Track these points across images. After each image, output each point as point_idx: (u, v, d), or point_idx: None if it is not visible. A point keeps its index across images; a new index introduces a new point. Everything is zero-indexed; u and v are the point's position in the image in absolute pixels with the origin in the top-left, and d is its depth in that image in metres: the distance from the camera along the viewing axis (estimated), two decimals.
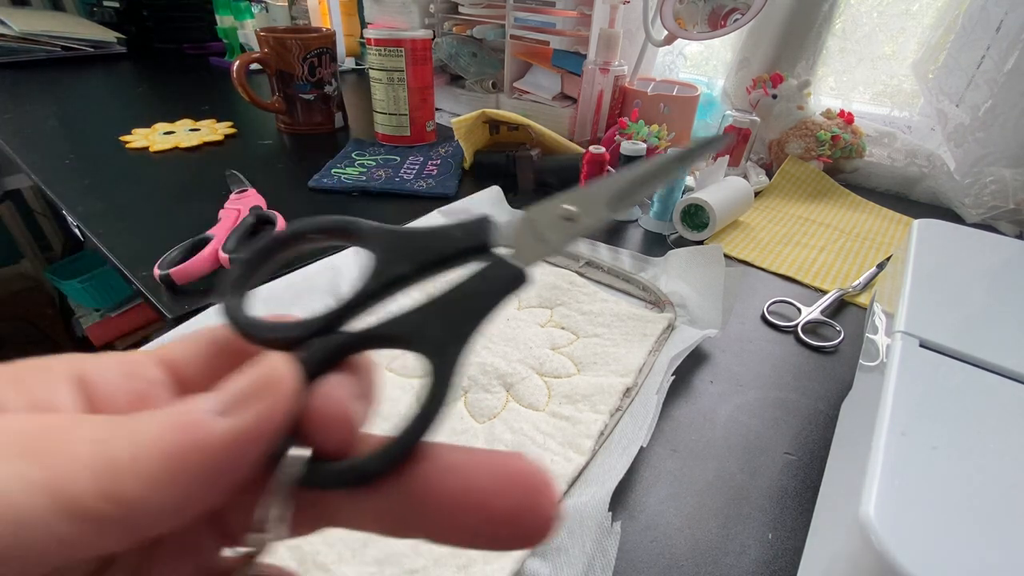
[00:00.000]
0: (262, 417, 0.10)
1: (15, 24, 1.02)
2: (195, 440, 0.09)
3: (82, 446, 0.09)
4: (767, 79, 0.74)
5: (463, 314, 0.12)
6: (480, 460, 0.11)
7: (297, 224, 0.14)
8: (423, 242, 0.14)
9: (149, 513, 0.09)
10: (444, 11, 0.82)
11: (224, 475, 0.10)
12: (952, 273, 0.32)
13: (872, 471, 0.19)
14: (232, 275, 0.13)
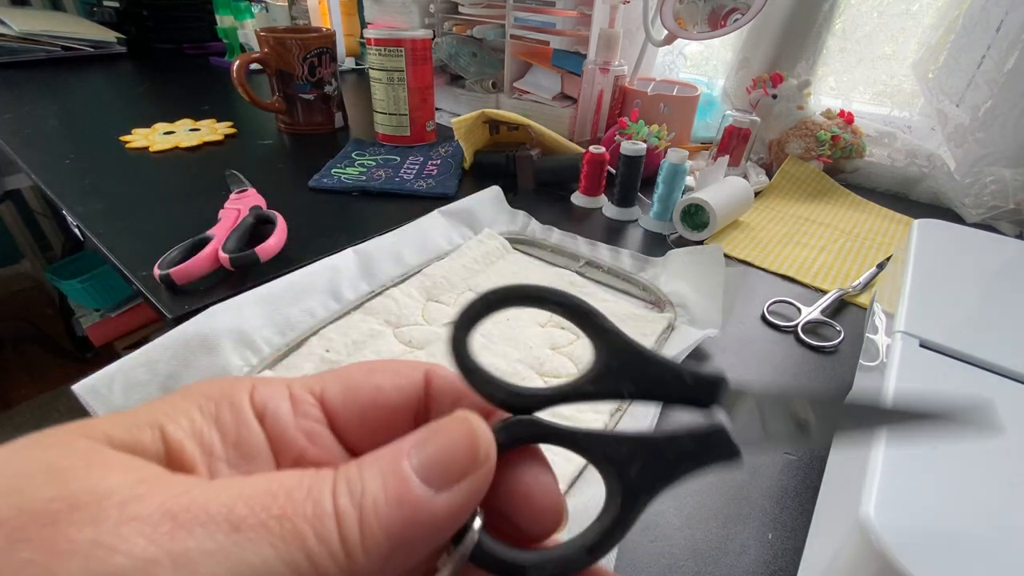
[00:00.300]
0: (471, 492, 0.11)
1: (15, 24, 1.02)
2: (415, 517, 0.10)
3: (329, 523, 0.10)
4: (767, 79, 0.74)
5: (666, 469, 0.13)
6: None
7: (542, 289, 0.14)
8: (654, 372, 0.14)
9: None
10: (444, 11, 0.82)
11: (433, 543, 0.11)
12: (952, 273, 0.32)
13: (872, 471, 0.19)
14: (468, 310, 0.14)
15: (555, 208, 0.61)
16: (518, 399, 0.13)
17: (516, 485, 0.12)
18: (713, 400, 0.14)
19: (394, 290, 0.42)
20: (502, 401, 0.13)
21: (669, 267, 0.46)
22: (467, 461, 0.11)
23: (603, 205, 0.61)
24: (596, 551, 0.12)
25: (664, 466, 0.13)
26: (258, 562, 0.09)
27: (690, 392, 0.14)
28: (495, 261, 0.48)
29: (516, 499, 0.12)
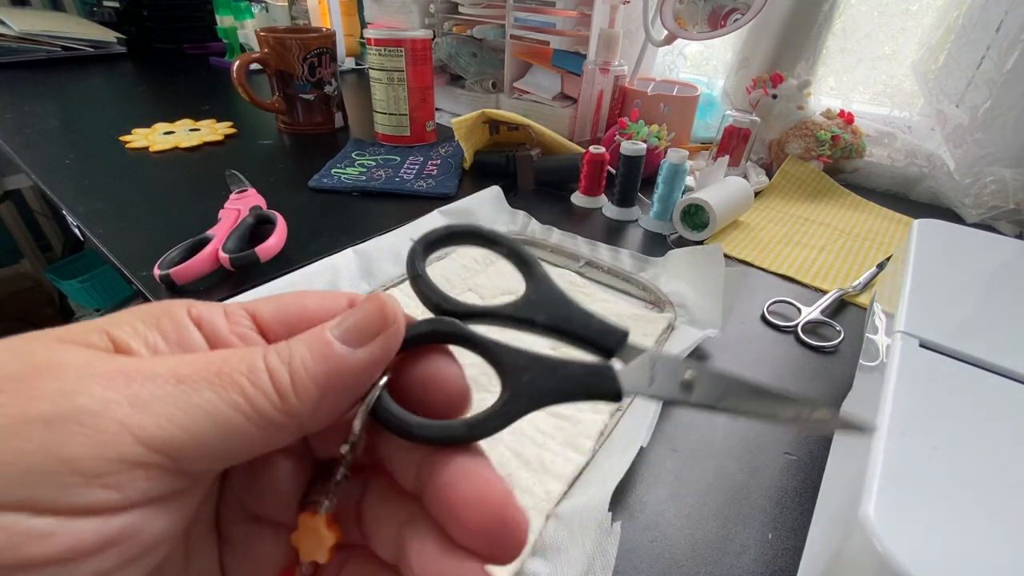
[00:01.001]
0: (384, 349, 0.13)
1: (15, 24, 1.02)
2: (338, 368, 0.12)
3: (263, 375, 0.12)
4: (767, 79, 0.74)
5: (552, 385, 0.14)
6: (474, 471, 0.13)
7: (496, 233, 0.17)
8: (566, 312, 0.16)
9: (306, 420, 0.12)
10: (444, 11, 0.82)
11: (353, 394, 0.13)
12: (952, 273, 0.32)
13: (872, 471, 0.19)
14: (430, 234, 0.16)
15: (555, 208, 0.61)
16: (447, 304, 0.15)
17: (425, 369, 0.14)
18: (613, 349, 0.15)
19: (394, 290, 0.42)
20: (435, 305, 0.16)
21: (669, 267, 0.46)
22: (379, 322, 0.13)
23: (603, 205, 0.61)
24: (475, 427, 0.14)
25: (550, 381, 0.14)
26: (202, 402, 0.11)
27: (594, 337, 0.15)
28: (495, 261, 0.48)
29: (424, 381, 0.14)
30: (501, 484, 0.13)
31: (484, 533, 0.12)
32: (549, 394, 0.14)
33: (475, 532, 0.13)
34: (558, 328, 0.16)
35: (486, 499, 0.13)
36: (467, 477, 0.13)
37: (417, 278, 0.16)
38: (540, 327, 0.16)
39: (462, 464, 0.13)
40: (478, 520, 0.12)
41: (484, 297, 0.43)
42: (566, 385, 0.14)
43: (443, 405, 0.14)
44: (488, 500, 0.13)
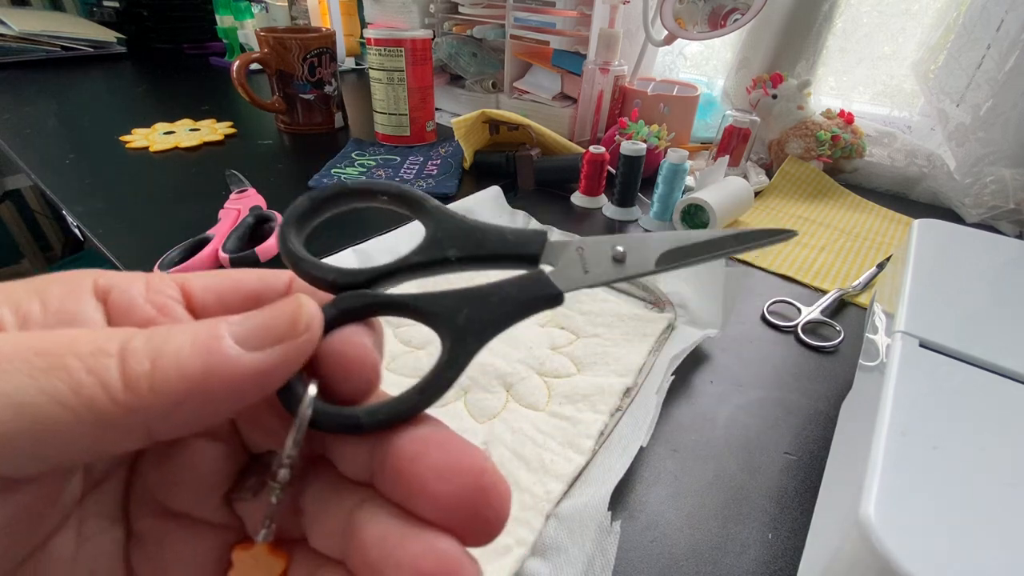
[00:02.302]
0: (283, 358, 0.11)
1: (15, 24, 1.02)
2: (216, 368, 0.10)
3: (107, 360, 0.10)
4: (767, 79, 0.74)
5: (491, 314, 0.13)
6: (442, 439, 0.12)
7: (371, 182, 0.15)
8: (477, 236, 0.15)
9: (157, 421, 0.10)
10: (444, 11, 0.82)
11: (235, 401, 0.11)
12: (952, 273, 0.32)
13: (872, 471, 0.19)
14: (293, 209, 0.14)
15: (555, 208, 0.60)
16: (346, 277, 0.14)
17: (336, 351, 0.12)
18: (537, 254, 0.14)
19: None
20: (331, 283, 0.14)
21: None
22: (285, 329, 0.11)
23: (603, 205, 0.61)
24: (427, 391, 0.12)
25: (486, 310, 0.13)
26: (11, 388, 0.09)
27: (513, 249, 0.14)
28: None
29: (335, 364, 0.12)
30: (474, 449, 0.11)
31: (461, 506, 0.11)
32: (491, 323, 0.13)
33: (449, 506, 0.11)
34: (474, 256, 0.14)
35: (459, 466, 0.11)
36: (433, 447, 0.11)
37: (298, 262, 0.14)
38: (455, 262, 0.14)
39: (422, 434, 0.12)
40: (452, 491, 0.11)
41: None
42: (504, 307, 0.13)
43: (353, 384, 0.12)
44: (462, 467, 0.11)
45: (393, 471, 0.11)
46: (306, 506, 0.13)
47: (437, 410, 0.32)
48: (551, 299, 0.14)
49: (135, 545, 0.13)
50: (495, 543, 0.25)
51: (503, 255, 0.14)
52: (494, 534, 0.11)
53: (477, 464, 0.11)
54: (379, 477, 0.12)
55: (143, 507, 0.13)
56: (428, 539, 0.11)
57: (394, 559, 0.11)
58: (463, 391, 0.34)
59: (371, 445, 0.12)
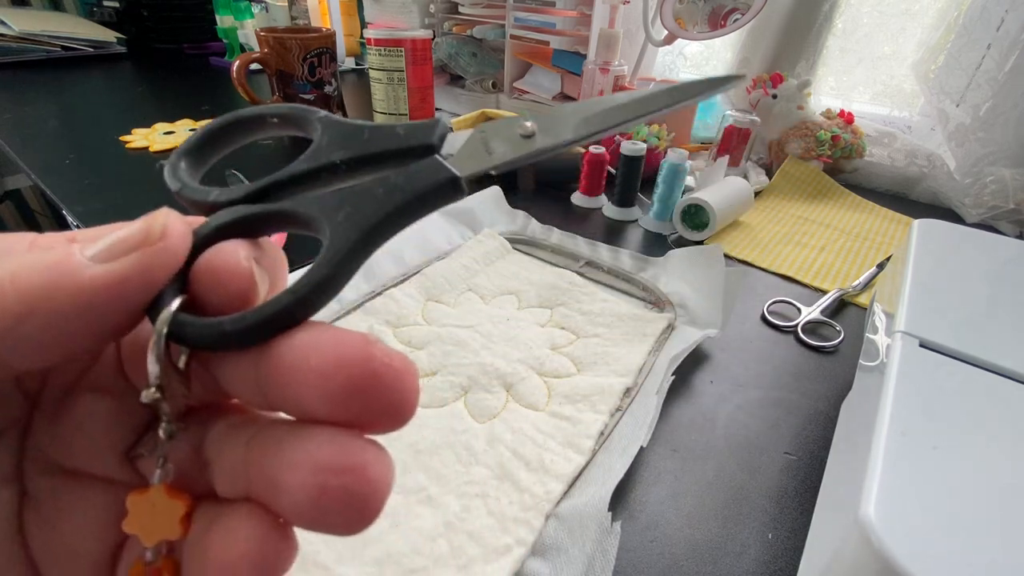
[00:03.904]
0: (137, 267, 0.10)
1: (15, 24, 1.02)
2: (59, 280, 0.10)
3: None
4: (767, 79, 0.74)
5: (375, 204, 0.12)
6: (322, 339, 0.11)
7: (259, 107, 0.14)
8: (365, 135, 0.13)
9: (4, 345, 0.09)
10: (444, 11, 0.82)
11: (90, 321, 0.10)
12: (952, 273, 0.32)
13: (872, 471, 0.19)
14: (186, 142, 0.14)
15: (555, 208, 0.60)
16: (226, 195, 0.13)
17: (205, 264, 0.11)
18: (433, 143, 0.13)
19: (394, 290, 0.42)
20: (211, 204, 0.13)
21: (669, 267, 0.46)
22: (139, 237, 0.11)
23: (603, 205, 0.61)
24: (298, 290, 0.11)
25: (372, 203, 0.12)
26: None
27: (405, 142, 0.13)
28: (495, 261, 0.48)
29: (205, 277, 0.11)
30: (358, 336, 0.10)
31: (354, 397, 0.10)
32: (375, 216, 0.12)
33: (342, 401, 0.10)
34: (364, 158, 0.13)
35: (342, 359, 0.10)
36: (313, 348, 0.10)
37: (181, 189, 0.13)
38: (344, 167, 0.13)
39: (302, 339, 0.11)
40: (340, 386, 0.10)
41: (484, 297, 0.43)
42: (393, 197, 0.12)
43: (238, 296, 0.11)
44: (345, 359, 0.10)
45: (279, 386, 0.10)
46: (208, 454, 0.12)
47: (437, 410, 0.32)
48: (446, 184, 0.12)
49: (29, 506, 0.12)
50: (495, 543, 0.25)
51: (395, 151, 0.13)
52: (401, 413, 0.10)
53: (361, 351, 0.10)
54: (271, 399, 0.11)
55: (37, 467, 0.12)
56: (325, 434, 0.10)
57: (289, 461, 0.10)
58: (463, 391, 0.34)
59: (254, 363, 0.11)
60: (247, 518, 0.11)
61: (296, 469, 0.10)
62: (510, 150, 0.13)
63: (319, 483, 0.10)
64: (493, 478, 0.28)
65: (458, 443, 0.30)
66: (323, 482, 0.10)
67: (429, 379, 0.35)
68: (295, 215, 0.12)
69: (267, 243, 0.13)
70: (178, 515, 0.11)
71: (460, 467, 0.29)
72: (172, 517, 0.11)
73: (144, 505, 0.11)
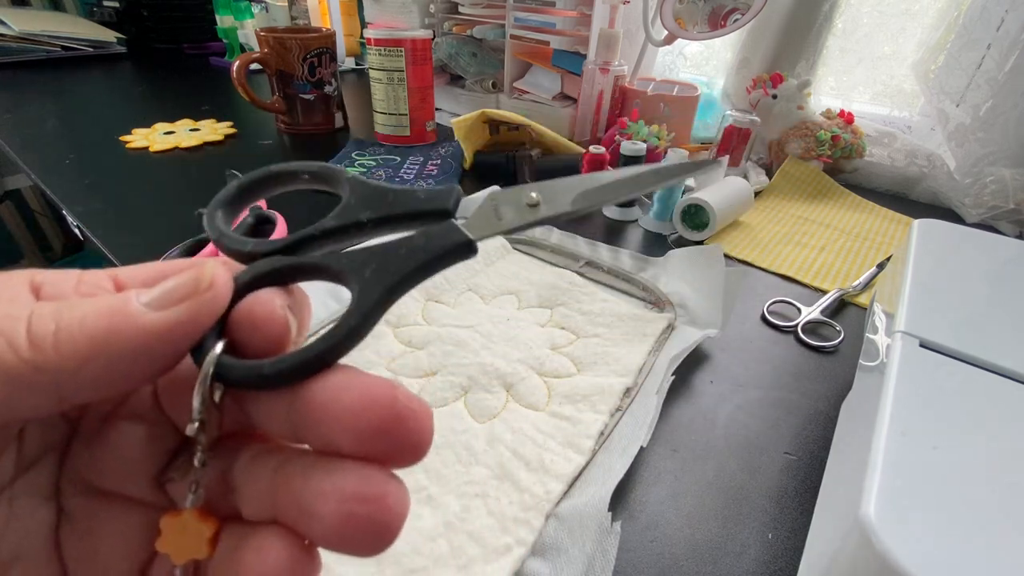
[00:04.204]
0: (188, 314, 0.12)
1: (15, 24, 1.02)
2: (119, 325, 0.11)
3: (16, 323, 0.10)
4: (767, 79, 0.74)
5: (399, 265, 0.13)
6: (353, 382, 0.12)
7: (291, 164, 0.16)
8: (389, 197, 0.15)
9: (66, 379, 0.10)
10: (444, 11, 0.82)
11: (144, 362, 0.11)
12: (952, 273, 0.32)
13: (872, 471, 0.19)
14: (222, 193, 0.15)
15: None
16: (263, 247, 0.14)
17: (245, 310, 0.13)
18: (450, 209, 0.15)
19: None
20: (248, 254, 0.14)
21: (669, 267, 0.46)
22: (189, 288, 0.12)
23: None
24: (331, 338, 0.12)
25: (395, 262, 0.13)
26: None
27: (425, 205, 0.15)
28: (495, 261, 0.48)
29: (245, 323, 0.13)
30: (384, 382, 0.12)
31: (379, 436, 0.11)
32: (398, 273, 0.13)
33: (368, 438, 0.11)
34: (388, 218, 0.15)
35: (370, 401, 0.11)
36: (344, 390, 0.12)
37: (220, 237, 0.14)
38: (369, 225, 0.14)
39: (333, 380, 0.12)
40: (368, 426, 0.11)
41: (484, 297, 0.43)
42: (413, 258, 0.13)
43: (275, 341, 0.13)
44: (373, 401, 0.11)
45: (310, 422, 0.12)
46: (235, 480, 0.13)
47: (436, 410, 0.32)
48: (461, 247, 0.14)
49: (65, 523, 0.13)
50: (495, 543, 0.25)
51: (416, 213, 0.15)
52: (418, 451, 0.12)
53: (387, 394, 0.11)
54: (300, 433, 0.12)
55: (75, 487, 0.13)
56: (351, 467, 0.11)
57: (318, 490, 0.11)
58: (463, 391, 0.34)
59: (287, 402, 0.12)
60: (277, 539, 0.12)
61: (326, 497, 0.11)
62: (517, 217, 0.15)
63: (347, 511, 0.11)
64: (493, 478, 0.28)
65: (458, 443, 0.30)
66: (350, 510, 0.11)
67: (429, 379, 0.35)
68: (326, 268, 0.14)
69: (297, 290, 0.14)
70: (207, 536, 0.12)
71: (460, 467, 0.29)
72: (201, 538, 0.12)
73: (176, 526, 0.12)
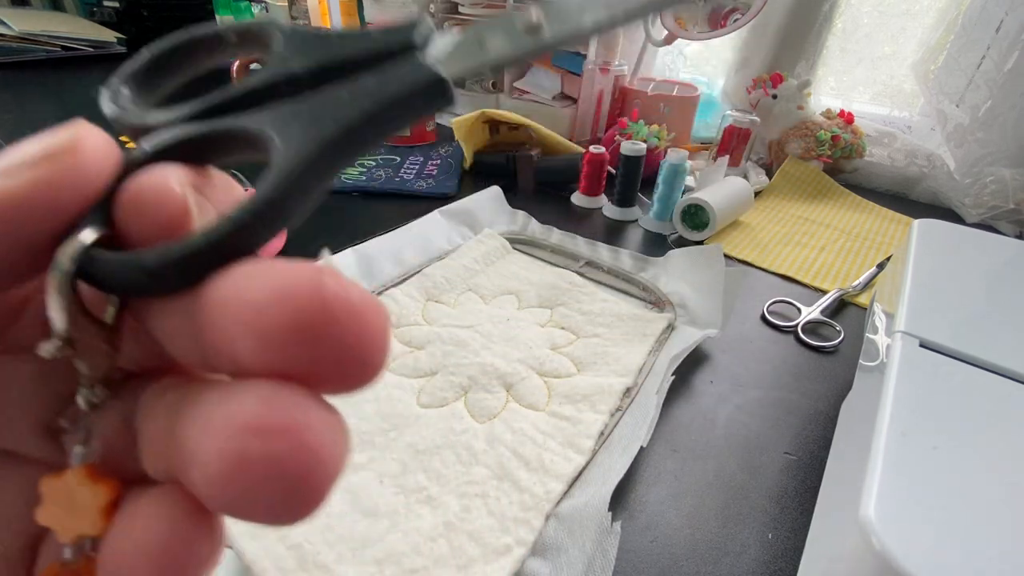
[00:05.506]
0: (32, 184, 0.08)
1: (15, 24, 1.02)
2: None
3: None
4: (767, 79, 0.74)
5: (337, 112, 0.09)
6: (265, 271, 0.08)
7: (215, 26, 0.12)
8: (332, 40, 0.11)
9: None
10: (444, 11, 0.82)
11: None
12: (952, 273, 0.32)
13: (872, 471, 0.19)
14: (129, 64, 0.11)
15: (555, 208, 0.60)
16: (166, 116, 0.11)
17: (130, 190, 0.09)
18: (413, 43, 0.10)
19: (394, 290, 0.42)
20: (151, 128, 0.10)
21: (669, 267, 0.46)
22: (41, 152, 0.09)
23: (603, 205, 0.61)
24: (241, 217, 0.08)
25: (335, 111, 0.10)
26: None
27: (381, 45, 0.10)
28: (495, 261, 0.48)
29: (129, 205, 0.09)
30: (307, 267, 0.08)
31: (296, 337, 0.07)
32: (337, 125, 0.09)
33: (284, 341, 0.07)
34: (331, 66, 0.10)
35: (287, 289, 0.08)
36: (250, 281, 0.08)
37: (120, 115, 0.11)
38: (307, 78, 0.10)
39: (240, 272, 0.08)
40: (280, 322, 0.07)
41: (484, 297, 0.43)
42: (360, 104, 0.10)
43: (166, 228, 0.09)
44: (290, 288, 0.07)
45: (209, 332, 0.08)
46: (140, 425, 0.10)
47: (437, 410, 0.32)
48: (428, 87, 0.10)
49: None
50: (495, 543, 0.25)
51: (369, 55, 0.10)
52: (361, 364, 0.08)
53: (309, 280, 0.08)
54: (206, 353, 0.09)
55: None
56: (255, 388, 0.08)
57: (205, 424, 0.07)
58: (463, 391, 0.34)
59: (185, 308, 0.08)
60: (156, 504, 0.08)
61: (211, 433, 0.07)
62: (510, 45, 0.11)
63: (236, 449, 0.07)
64: (493, 478, 0.28)
65: (458, 443, 0.30)
66: (241, 447, 0.07)
67: (429, 379, 0.35)
68: (245, 133, 0.10)
69: (217, 174, 0.10)
70: (99, 503, 0.09)
71: (460, 467, 0.29)
72: (93, 506, 0.09)
73: (60, 491, 0.09)
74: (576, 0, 0.11)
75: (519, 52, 0.11)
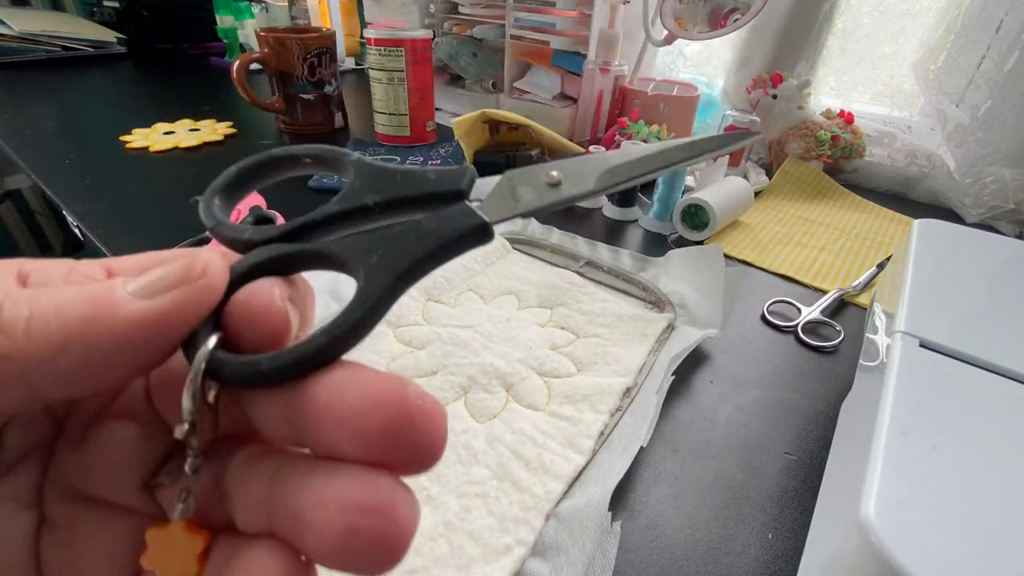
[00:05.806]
0: (176, 304, 0.10)
1: (15, 24, 1.02)
2: (100, 314, 0.10)
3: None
4: (767, 79, 0.74)
5: (408, 248, 0.12)
6: (359, 379, 0.11)
7: (293, 148, 0.15)
8: (397, 178, 0.14)
9: (36, 369, 0.09)
10: (444, 11, 0.82)
11: (127, 355, 0.10)
12: (952, 273, 0.32)
13: (872, 471, 0.19)
14: (218, 180, 0.14)
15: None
16: (261, 234, 0.13)
17: (241, 302, 0.12)
18: (463, 189, 0.13)
19: None
20: (246, 242, 0.13)
21: (669, 267, 0.46)
22: (179, 275, 0.11)
23: (603, 205, 0.61)
24: (333, 331, 0.11)
25: (403, 248, 0.12)
26: None
27: (436, 187, 0.13)
28: (495, 261, 0.48)
29: (241, 315, 0.11)
30: (394, 379, 0.10)
31: (386, 438, 0.10)
32: (408, 260, 0.12)
33: (374, 441, 0.10)
34: (396, 200, 0.13)
35: (378, 399, 0.10)
36: (348, 388, 0.10)
37: (216, 226, 0.13)
38: (375, 209, 0.13)
39: (336, 378, 0.11)
40: (374, 426, 0.10)
41: (484, 297, 0.43)
42: (426, 241, 0.12)
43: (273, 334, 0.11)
44: (381, 399, 0.10)
45: (311, 424, 0.10)
46: (229, 486, 0.12)
47: None
48: (477, 230, 0.13)
49: (46, 531, 0.12)
50: (495, 543, 0.25)
51: (426, 195, 0.13)
52: (431, 456, 0.10)
53: (397, 392, 0.10)
54: (301, 436, 0.11)
55: (58, 493, 0.12)
56: (355, 473, 0.10)
57: (317, 498, 0.10)
58: (463, 391, 0.34)
59: (287, 401, 0.11)
60: (269, 554, 0.10)
61: (324, 507, 0.10)
62: (536, 198, 0.14)
63: (348, 523, 0.09)
64: (493, 478, 0.28)
65: (458, 443, 0.30)
66: (352, 522, 0.09)
67: (429, 379, 0.35)
68: (329, 256, 0.13)
69: (299, 280, 0.13)
70: (196, 551, 0.11)
71: (460, 467, 0.29)
72: (190, 554, 0.11)
73: (163, 540, 0.11)
74: (585, 164, 0.14)
75: (543, 205, 0.14)
